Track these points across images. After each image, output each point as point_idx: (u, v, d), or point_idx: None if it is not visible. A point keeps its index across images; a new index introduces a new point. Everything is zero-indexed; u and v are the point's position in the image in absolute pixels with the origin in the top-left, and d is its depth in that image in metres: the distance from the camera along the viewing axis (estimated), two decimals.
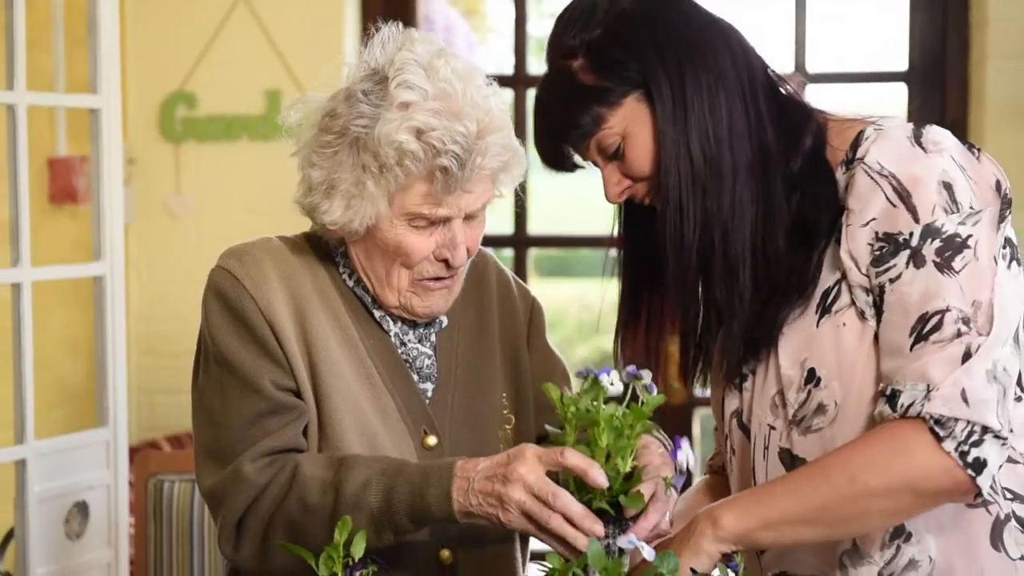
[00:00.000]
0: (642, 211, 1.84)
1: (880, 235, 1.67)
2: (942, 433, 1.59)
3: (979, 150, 1.73)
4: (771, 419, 1.77)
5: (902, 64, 4.01)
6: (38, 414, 3.13)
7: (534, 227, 4.23)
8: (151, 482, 2.54)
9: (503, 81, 4.11)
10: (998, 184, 1.70)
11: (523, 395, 2.02)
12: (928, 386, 1.61)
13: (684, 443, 1.66)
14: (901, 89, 4.02)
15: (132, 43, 4.05)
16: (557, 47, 1.79)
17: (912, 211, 1.65)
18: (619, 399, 1.70)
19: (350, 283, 1.93)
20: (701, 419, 4.21)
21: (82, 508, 3.21)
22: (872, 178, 1.68)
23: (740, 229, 1.74)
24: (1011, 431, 1.62)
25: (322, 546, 1.59)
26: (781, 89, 1.81)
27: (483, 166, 1.81)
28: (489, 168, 1.82)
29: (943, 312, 1.62)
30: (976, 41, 3.83)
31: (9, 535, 3.21)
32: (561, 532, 1.65)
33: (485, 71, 1.91)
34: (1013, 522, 1.72)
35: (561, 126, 1.78)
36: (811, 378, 1.72)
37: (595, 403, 1.67)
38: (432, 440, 1.91)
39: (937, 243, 1.64)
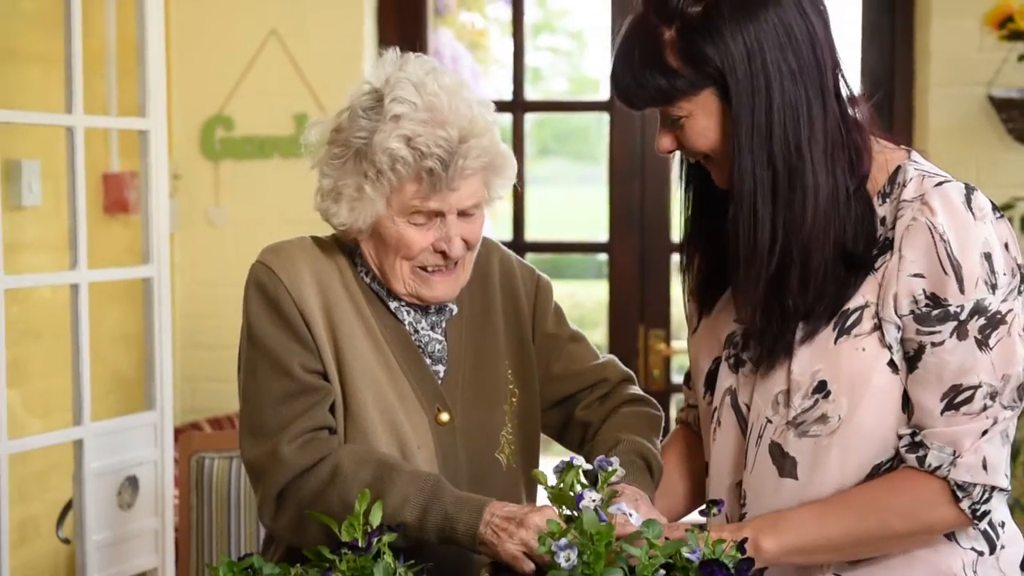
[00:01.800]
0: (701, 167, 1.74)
1: (928, 294, 1.63)
2: (961, 495, 1.63)
3: (1002, 212, 1.69)
4: (770, 413, 1.73)
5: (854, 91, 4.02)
6: (94, 399, 3.13)
7: (531, 234, 4.25)
8: (193, 459, 2.54)
9: (503, 107, 4.11)
10: (1007, 245, 1.66)
11: (527, 369, 2.02)
12: (955, 452, 1.62)
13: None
14: None
15: (177, 72, 4.06)
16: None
17: (960, 283, 1.61)
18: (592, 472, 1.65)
19: (367, 279, 1.95)
20: (678, 403, 4.20)
21: (132, 482, 3.22)
22: (933, 239, 1.62)
23: (818, 243, 1.63)
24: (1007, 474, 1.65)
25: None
26: (846, 97, 1.68)
27: (465, 167, 1.82)
28: (471, 168, 1.83)
29: (975, 388, 1.62)
30: (920, 72, 3.85)
31: (68, 506, 3.22)
32: None
33: (471, 86, 1.91)
34: None
35: (632, 80, 1.66)
36: (820, 388, 1.68)
37: (572, 489, 1.61)
38: (445, 416, 1.93)
39: (982, 320, 1.62)
